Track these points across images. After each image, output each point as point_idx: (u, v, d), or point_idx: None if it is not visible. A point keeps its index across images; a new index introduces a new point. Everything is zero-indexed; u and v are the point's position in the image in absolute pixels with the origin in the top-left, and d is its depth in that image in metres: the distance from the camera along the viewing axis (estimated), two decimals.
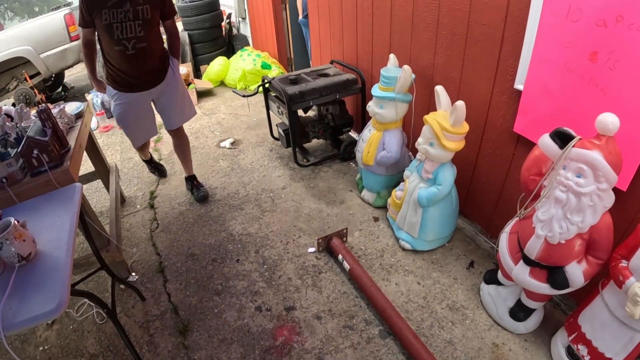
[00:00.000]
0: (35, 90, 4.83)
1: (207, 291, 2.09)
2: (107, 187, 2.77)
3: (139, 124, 2.49)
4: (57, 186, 1.69)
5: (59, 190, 1.58)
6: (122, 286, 2.14)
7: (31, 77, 4.94)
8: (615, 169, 1.17)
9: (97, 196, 3.07)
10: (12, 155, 1.65)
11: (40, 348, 1.87)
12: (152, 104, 2.50)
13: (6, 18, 20.52)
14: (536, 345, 1.66)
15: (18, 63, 4.91)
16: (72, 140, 1.99)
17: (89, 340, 1.89)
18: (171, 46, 2.47)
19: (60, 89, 6.02)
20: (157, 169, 3.20)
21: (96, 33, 2.18)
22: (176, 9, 3.98)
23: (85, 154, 2.35)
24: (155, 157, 3.43)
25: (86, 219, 1.71)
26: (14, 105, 4.29)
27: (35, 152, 1.67)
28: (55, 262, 1.23)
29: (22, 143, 1.66)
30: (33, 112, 2.11)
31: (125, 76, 2.23)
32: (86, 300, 2.05)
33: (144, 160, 3.15)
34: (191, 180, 2.92)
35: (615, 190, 1.27)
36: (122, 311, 2.01)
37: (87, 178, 2.79)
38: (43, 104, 1.85)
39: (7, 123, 1.86)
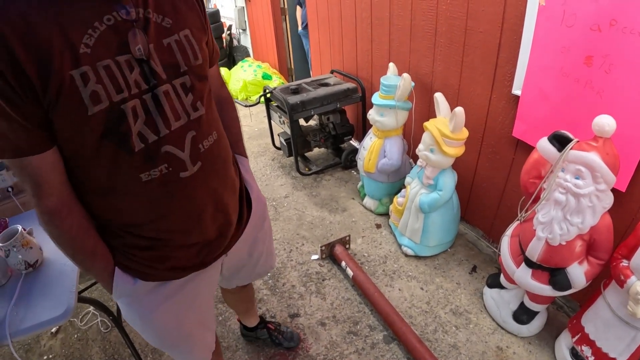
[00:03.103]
0: None
1: None
2: None
3: (198, 333, 1.12)
4: None
5: None
6: None
7: None
8: (613, 170, 1.19)
9: None
10: None
11: (45, 357, 1.87)
12: None
13: None
14: (540, 348, 1.66)
15: None
16: None
17: (93, 349, 1.89)
18: (228, 130, 1.06)
19: None
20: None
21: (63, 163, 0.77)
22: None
23: None
24: None
25: None
26: None
27: None
28: (62, 269, 1.24)
29: None
30: None
31: (168, 242, 0.90)
32: (91, 309, 2.05)
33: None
34: (265, 326, 1.80)
35: (615, 191, 1.29)
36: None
37: None
38: None
39: None
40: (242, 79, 4.77)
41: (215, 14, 5.33)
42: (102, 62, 0.69)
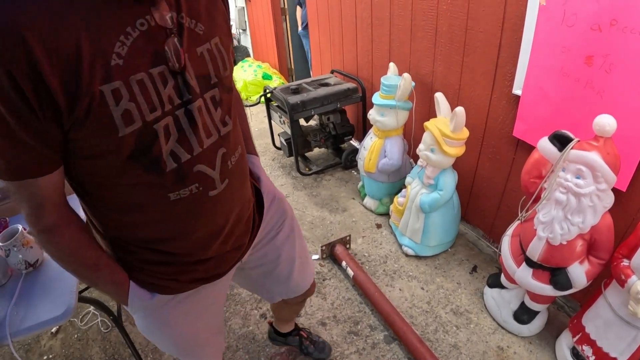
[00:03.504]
0: None
1: None
2: None
3: (213, 339, 1.10)
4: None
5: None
6: None
7: None
8: (614, 170, 1.19)
9: None
10: None
11: (45, 357, 1.86)
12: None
13: None
14: (541, 348, 1.66)
15: None
16: None
17: (93, 349, 1.89)
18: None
19: None
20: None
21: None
22: None
23: None
24: None
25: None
26: None
27: None
28: (62, 269, 1.24)
29: None
30: None
31: (185, 257, 0.87)
32: (91, 309, 2.05)
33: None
34: (297, 332, 1.71)
35: (615, 190, 1.29)
36: (127, 319, 2.01)
37: None
38: None
39: None
40: (242, 79, 4.77)
41: None
42: (136, 76, 0.61)
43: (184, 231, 0.80)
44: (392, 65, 2.32)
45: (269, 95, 3.09)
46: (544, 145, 1.35)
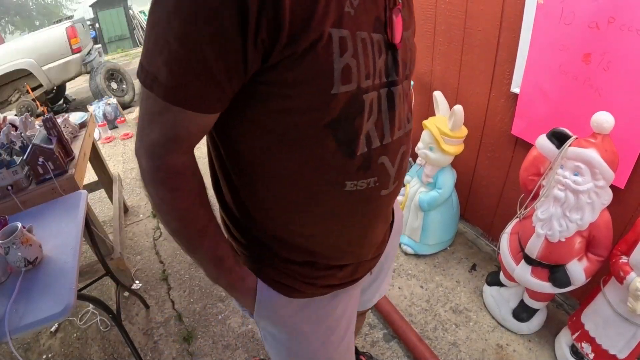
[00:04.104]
0: (37, 102, 4.88)
1: (211, 298, 2.09)
2: (110, 196, 2.79)
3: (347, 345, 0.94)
4: (62, 193, 1.71)
5: (64, 198, 1.60)
6: (125, 294, 2.14)
7: (33, 89, 5.00)
8: (612, 166, 1.20)
9: (100, 206, 3.08)
10: (17, 163, 1.67)
11: (44, 356, 1.86)
12: None
13: (7, 32, 20.75)
14: (540, 346, 1.66)
15: (20, 75, 4.97)
16: (76, 149, 2.01)
17: (92, 348, 1.89)
18: None
19: (61, 101, 6.08)
20: None
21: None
22: None
23: (88, 163, 2.37)
24: None
25: (91, 227, 1.73)
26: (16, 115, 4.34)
27: (41, 159, 1.69)
28: (62, 267, 1.24)
29: (28, 150, 1.68)
30: (37, 122, 2.15)
31: (328, 259, 0.75)
32: (90, 308, 2.05)
33: None
34: (357, 356, 1.61)
35: (613, 188, 1.29)
36: (126, 318, 2.02)
37: (91, 187, 2.81)
38: (48, 114, 1.88)
39: (12, 132, 1.88)
40: None
41: None
42: (361, 33, 0.54)
43: (339, 228, 0.70)
44: None
45: None
46: (542, 142, 1.35)
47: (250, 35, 0.46)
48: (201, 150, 0.74)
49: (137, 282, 2.24)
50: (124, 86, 5.66)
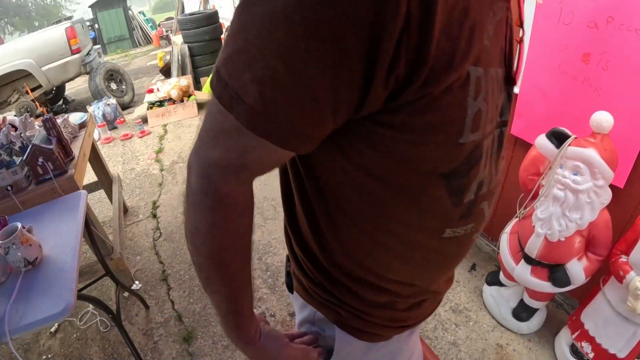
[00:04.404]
0: (37, 102, 4.87)
1: None
2: (109, 197, 2.79)
3: None
4: (61, 194, 1.71)
5: (64, 198, 1.60)
6: (125, 294, 2.14)
7: (32, 90, 4.99)
8: (611, 166, 1.20)
9: (100, 206, 3.08)
10: (17, 164, 1.67)
11: (44, 357, 1.86)
12: None
13: (6, 32, 20.74)
14: (540, 345, 1.66)
15: (20, 76, 4.97)
16: (76, 149, 2.01)
17: (92, 348, 1.89)
18: None
19: (61, 102, 6.08)
20: None
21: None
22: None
23: (88, 164, 2.37)
24: (157, 168, 3.45)
25: (91, 227, 1.73)
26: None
27: (41, 160, 1.69)
28: (62, 267, 1.24)
29: (28, 150, 1.68)
30: (37, 122, 2.15)
31: (407, 299, 0.68)
32: (90, 308, 2.05)
33: None
34: None
35: (613, 187, 1.29)
36: (125, 319, 2.01)
37: (90, 188, 2.81)
38: (48, 114, 1.88)
39: (12, 132, 1.88)
40: None
41: (214, 15, 5.33)
42: (491, 70, 0.44)
43: (433, 272, 0.64)
44: None
45: None
46: (542, 142, 1.35)
47: (382, 67, 0.36)
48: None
49: (136, 282, 2.24)
50: (124, 87, 5.66)
